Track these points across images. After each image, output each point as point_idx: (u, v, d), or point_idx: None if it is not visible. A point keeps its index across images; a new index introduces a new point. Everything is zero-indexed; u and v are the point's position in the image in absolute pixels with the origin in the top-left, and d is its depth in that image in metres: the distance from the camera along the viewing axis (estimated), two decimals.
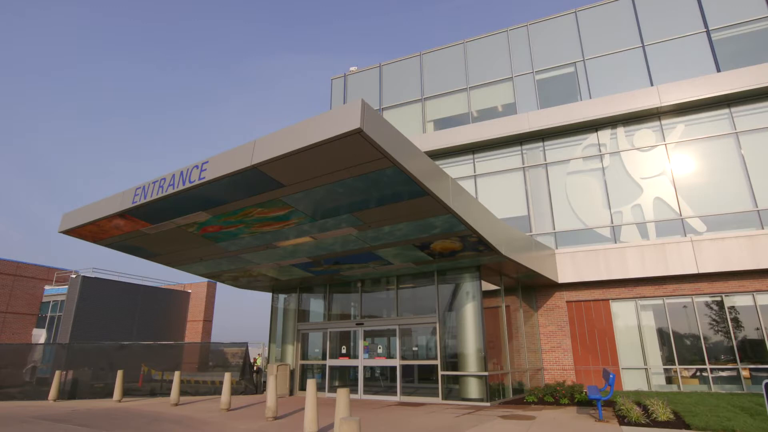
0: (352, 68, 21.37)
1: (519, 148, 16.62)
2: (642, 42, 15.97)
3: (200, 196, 8.58)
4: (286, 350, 15.32)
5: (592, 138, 15.65)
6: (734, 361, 12.55)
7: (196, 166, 8.13)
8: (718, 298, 13.17)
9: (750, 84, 13.63)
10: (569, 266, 14.40)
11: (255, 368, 16.22)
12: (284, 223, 9.62)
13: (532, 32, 17.91)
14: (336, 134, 6.32)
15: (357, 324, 13.90)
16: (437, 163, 9.25)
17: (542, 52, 17.50)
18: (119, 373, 13.40)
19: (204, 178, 7.91)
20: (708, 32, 15.14)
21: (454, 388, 11.79)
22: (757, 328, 12.59)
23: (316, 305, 15.76)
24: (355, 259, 12.11)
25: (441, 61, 19.41)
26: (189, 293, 32.54)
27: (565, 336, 14.48)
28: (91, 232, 10.64)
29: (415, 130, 18.63)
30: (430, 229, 9.67)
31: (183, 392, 13.65)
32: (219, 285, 34.07)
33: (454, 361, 11.94)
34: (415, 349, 13.27)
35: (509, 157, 16.72)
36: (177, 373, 12.44)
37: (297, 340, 15.18)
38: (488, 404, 10.93)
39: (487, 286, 12.65)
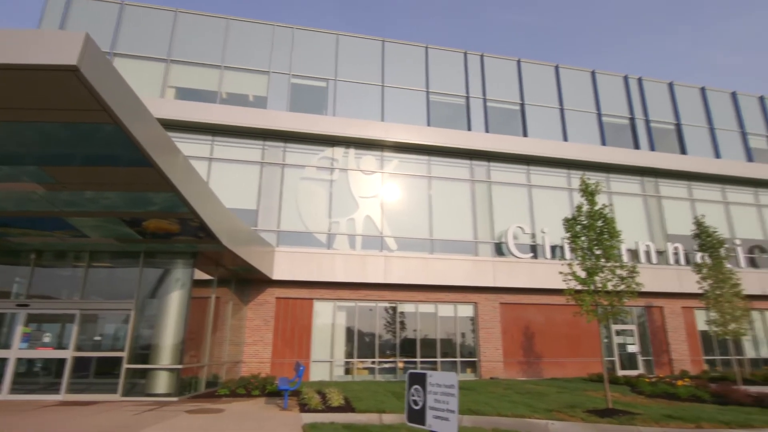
0: None
1: (262, 142, 16.68)
2: (383, 82, 18.59)
3: None
4: None
5: (328, 152, 17.11)
6: (395, 355, 15.67)
7: None
8: (395, 305, 16.24)
9: (443, 142, 17.64)
10: (285, 265, 15.17)
11: None
12: None
13: (296, 36, 18.44)
14: (42, 63, 4.93)
15: (19, 305, 10.99)
16: (171, 135, 8.33)
17: (302, 59, 18.20)
18: None
19: None
20: (428, 92, 18.86)
21: (140, 383, 10.63)
22: (415, 330, 16.10)
23: None
24: (33, 224, 9.63)
25: (199, 27, 17.79)
26: None
27: (268, 330, 15.08)
28: None
29: (152, 92, 16.36)
30: (146, 205, 8.57)
31: None
32: None
33: (145, 353, 10.80)
34: (98, 339, 11.37)
35: (250, 149, 16.56)
36: None
37: None
38: (176, 399, 10.30)
39: (200, 275, 12.06)
